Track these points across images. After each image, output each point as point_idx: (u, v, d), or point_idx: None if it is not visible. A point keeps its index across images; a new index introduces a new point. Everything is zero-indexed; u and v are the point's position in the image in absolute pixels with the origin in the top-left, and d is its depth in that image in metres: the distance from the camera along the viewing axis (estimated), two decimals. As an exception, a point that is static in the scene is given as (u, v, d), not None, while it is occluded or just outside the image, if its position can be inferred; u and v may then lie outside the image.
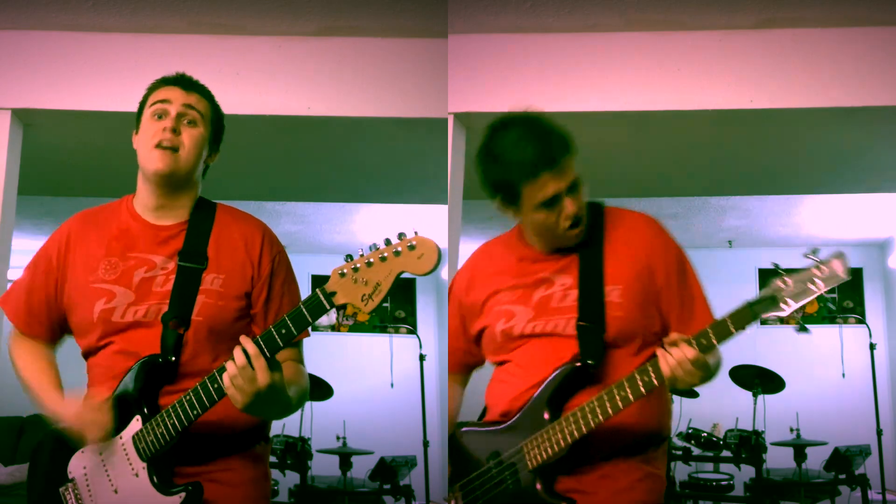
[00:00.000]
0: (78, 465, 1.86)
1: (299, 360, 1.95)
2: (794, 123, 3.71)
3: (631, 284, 1.89)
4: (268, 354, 1.67)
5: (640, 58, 3.56)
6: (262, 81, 3.60)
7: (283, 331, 1.67)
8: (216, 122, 1.98)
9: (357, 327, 7.62)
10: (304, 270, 1.77)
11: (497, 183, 1.89)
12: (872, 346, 5.79)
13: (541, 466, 1.84)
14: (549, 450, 1.82)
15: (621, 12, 3.45)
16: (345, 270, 1.62)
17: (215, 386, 1.71)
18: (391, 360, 7.28)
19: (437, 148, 3.65)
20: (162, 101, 1.91)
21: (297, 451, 5.34)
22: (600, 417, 1.77)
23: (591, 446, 1.83)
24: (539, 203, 1.84)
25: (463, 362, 2.15)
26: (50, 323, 1.97)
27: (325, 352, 6.63)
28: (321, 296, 1.64)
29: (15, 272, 3.52)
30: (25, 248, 4.04)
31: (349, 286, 1.61)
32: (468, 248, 2.34)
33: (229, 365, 1.66)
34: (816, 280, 1.63)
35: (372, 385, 7.21)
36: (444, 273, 6.45)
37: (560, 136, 1.84)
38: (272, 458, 5.30)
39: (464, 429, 2.00)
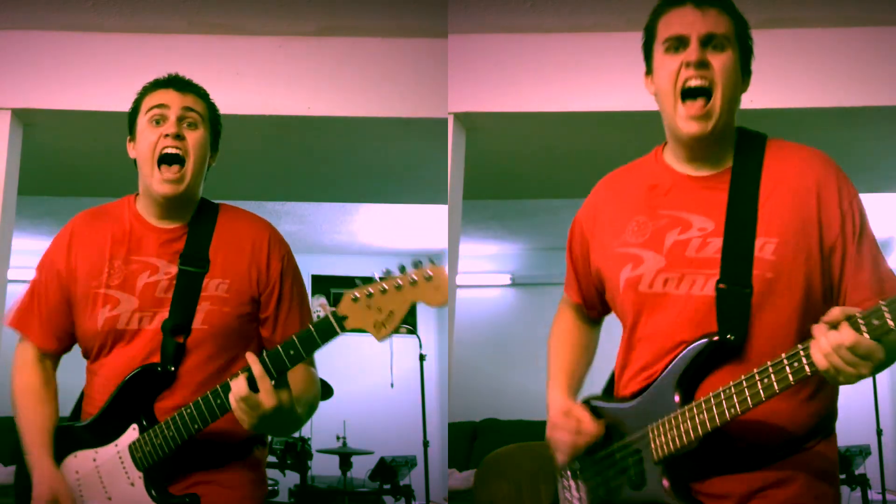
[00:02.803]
0: (70, 469, 1.83)
1: (310, 362, 1.93)
2: (794, 123, 3.70)
3: (790, 239, 1.54)
4: (274, 374, 1.64)
5: (640, 58, 3.55)
6: (262, 81, 3.60)
7: (292, 352, 1.67)
8: (214, 122, 1.94)
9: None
10: (304, 270, 1.77)
11: (645, 31, 1.71)
12: (872, 347, 5.78)
13: (667, 459, 1.54)
14: (678, 440, 1.51)
15: (621, 12, 3.44)
16: (357, 295, 1.61)
17: (218, 402, 1.68)
18: (391, 360, 7.27)
19: (437, 148, 3.64)
20: (159, 106, 1.85)
21: (297, 451, 5.34)
22: (738, 408, 1.44)
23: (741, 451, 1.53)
24: (664, 41, 1.63)
25: (591, 297, 1.83)
26: (62, 333, 1.93)
27: (325, 352, 6.54)
28: (332, 320, 1.64)
29: (15, 272, 3.53)
30: (25, 248, 4.04)
31: (362, 311, 1.62)
32: (468, 248, 2.33)
33: (234, 384, 1.62)
34: None
35: (372, 385, 7.20)
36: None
37: None
38: (272, 458, 5.31)
39: (592, 402, 1.71)
